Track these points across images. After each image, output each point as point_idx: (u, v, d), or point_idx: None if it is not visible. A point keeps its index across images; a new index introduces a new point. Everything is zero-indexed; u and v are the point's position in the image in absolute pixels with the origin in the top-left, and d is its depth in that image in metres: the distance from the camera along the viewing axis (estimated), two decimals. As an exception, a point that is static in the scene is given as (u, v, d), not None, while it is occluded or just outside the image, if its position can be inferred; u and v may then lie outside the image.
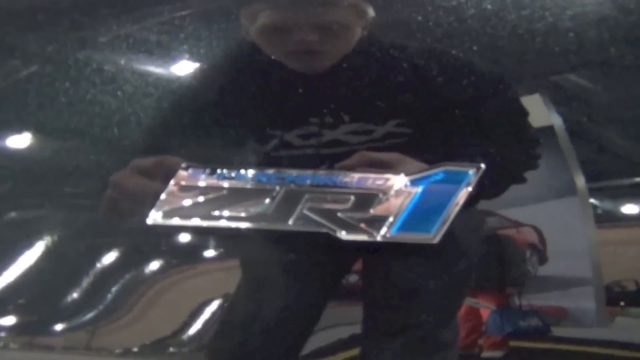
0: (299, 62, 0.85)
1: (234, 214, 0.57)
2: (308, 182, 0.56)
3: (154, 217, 0.57)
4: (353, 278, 1.04)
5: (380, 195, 0.56)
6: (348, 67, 0.90)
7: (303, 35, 0.82)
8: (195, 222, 0.57)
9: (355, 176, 0.56)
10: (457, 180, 0.55)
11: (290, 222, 0.56)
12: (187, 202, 0.57)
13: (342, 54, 0.86)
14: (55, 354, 0.89)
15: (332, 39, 0.83)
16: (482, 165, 0.55)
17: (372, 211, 0.56)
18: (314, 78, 0.90)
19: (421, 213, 0.56)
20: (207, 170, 0.57)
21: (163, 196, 0.57)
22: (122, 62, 0.92)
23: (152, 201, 0.59)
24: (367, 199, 0.56)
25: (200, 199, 0.57)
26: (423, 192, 0.56)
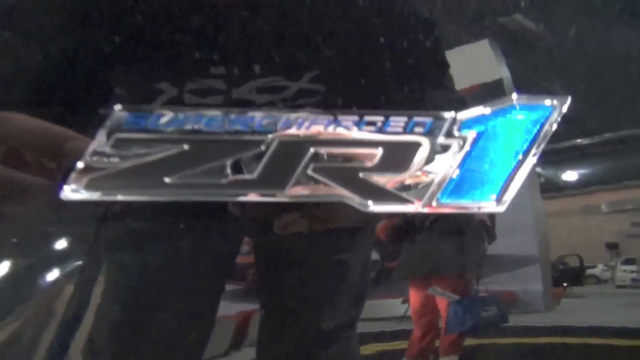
0: None
1: (202, 180, 0.37)
2: (313, 128, 0.37)
3: (74, 188, 0.36)
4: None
5: (422, 144, 0.38)
6: (272, 5, 0.67)
7: None
8: (140, 194, 0.37)
9: (383, 117, 0.37)
10: (531, 120, 0.38)
11: (288, 189, 0.37)
12: (126, 164, 0.36)
13: None
14: None
15: None
16: (568, 98, 0.38)
17: (409, 169, 0.38)
18: (224, 10, 0.65)
19: (480, 171, 0.38)
20: (157, 115, 0.36)
21: (84, 160, 0.36)
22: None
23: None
24: (402, 151, 0.38)
25: (149, 158, 0.37)
26: (482, 138, 0.38)
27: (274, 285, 0.91)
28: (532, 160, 0.38)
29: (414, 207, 0.38)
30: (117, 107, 0.36)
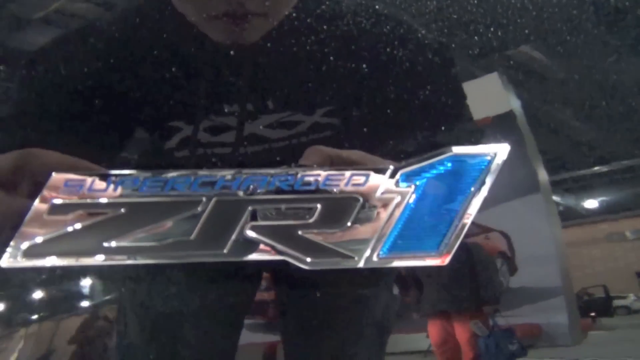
0: (225, 29, 0.61)
1: (140, 243, 0.37)
2: (250, 187, 0.37)
3: (12, 256, 0.36)
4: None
5: (360, 200, 0.37)
6: (284, 38, 0.68)
7: None
8: (79, 260, 0.37)
9: (321, 174, 0.37)
10: (470, 172, 0.37)
11: (226, 249, 0.37)
12: (64, 230, 0.37)
13: (279, 19, 0.64)
14: None
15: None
16: (506, 146, 0.37)
17: (349, 224, 0.37)
18: (238, 52, 0.66)
19: (421, 223, 0.38)
20: (94, 179, 0.37)
21: (25, 223, 0.37)
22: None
23: (11, 223, 0.38)
24: (340, 206, 0.37)
25: (86, 223, 0.37)
26: (422, 192, 0.38)
27: (296, 321, 0.87)
28: (474, 209, 0.37)
29: (355, 263, 0.37)
30: (54, 174, 0.37)
